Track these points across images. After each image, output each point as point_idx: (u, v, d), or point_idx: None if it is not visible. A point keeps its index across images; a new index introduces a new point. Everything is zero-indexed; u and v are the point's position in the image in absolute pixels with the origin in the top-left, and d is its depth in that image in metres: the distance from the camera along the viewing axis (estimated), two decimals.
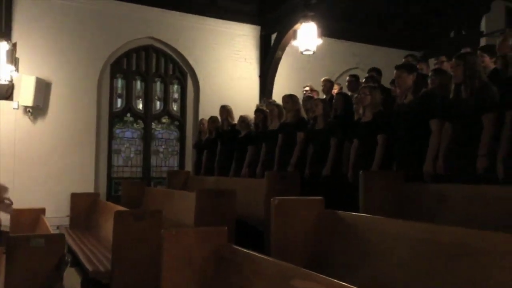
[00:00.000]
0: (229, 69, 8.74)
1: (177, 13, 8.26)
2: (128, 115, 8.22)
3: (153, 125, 8.37)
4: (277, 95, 7.19)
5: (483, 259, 1.91)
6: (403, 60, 5.38)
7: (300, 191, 4.66)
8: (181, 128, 8.58)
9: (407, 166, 3.56)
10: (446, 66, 4.51)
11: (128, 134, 8.19)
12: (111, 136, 7.97)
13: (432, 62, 5.68)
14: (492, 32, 8.45)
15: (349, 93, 5.57)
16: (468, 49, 4.17)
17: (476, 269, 1.93)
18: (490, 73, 4.13)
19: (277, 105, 5.64)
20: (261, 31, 9.03)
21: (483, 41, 8.30)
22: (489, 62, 4.28)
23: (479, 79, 3.19)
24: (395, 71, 3.86)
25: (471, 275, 1.94)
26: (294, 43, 7.65)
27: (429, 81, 4.09)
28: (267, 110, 5.78)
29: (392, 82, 4.99)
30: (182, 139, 8.56)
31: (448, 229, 2.16)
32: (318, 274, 1.74)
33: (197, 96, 8.51)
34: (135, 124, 8.26)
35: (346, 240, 2.69)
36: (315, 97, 5.88)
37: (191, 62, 8.43)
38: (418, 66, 4.80)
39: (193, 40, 8.42)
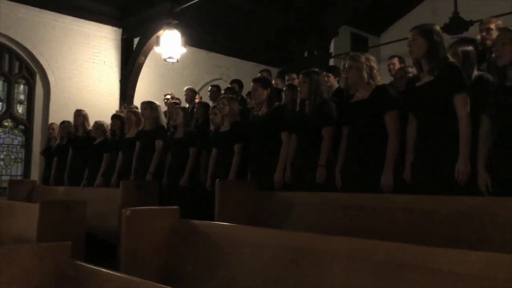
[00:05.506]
0: (86, 71, 8.19)
1: (27, 7, 7.49)
2: None
3: None
4: (139, 101, 6.95)
5: (322, 261, 2.07)
6: (259, 74, 5.65)
7: (158, 201, 4.55)
8: (27, 133, 7.74)
9: (260, 175, 3.72)
10: (297, 82, 4.87)
11: None
12: None
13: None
14: (339, 54, 9.48)
15: (211, 103, 5.65)
16: (315, 68, 4.55)
17: (316, 271, 2.08)
18: (335, 91, 4.59)
19: (135, 112, 5.45)
20: (123, 34, 8.69)
21: (332, 62, 9.26)
22: (333, 81, 4.77)
23: (320, 96, 3.51)
24: (252, 84, 4.03)
25: (312, 277, 2.08)
26: (157, 49, 7.53)
27: (283, 95, 4.38)
28: (125, 117, 5.55)
29: (248, 94, 5.23)
30: (28, 145, 7.73)
31: (292, 234, 2.29)
32: (167, 287, 1.69)
33: (48, 99, 7.78)
34: None
35: (200, 249, 2.67)
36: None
37: (41, 61, 7.68)
38: (274, 81, 5.10)
39: (45, 38, 7.69)
